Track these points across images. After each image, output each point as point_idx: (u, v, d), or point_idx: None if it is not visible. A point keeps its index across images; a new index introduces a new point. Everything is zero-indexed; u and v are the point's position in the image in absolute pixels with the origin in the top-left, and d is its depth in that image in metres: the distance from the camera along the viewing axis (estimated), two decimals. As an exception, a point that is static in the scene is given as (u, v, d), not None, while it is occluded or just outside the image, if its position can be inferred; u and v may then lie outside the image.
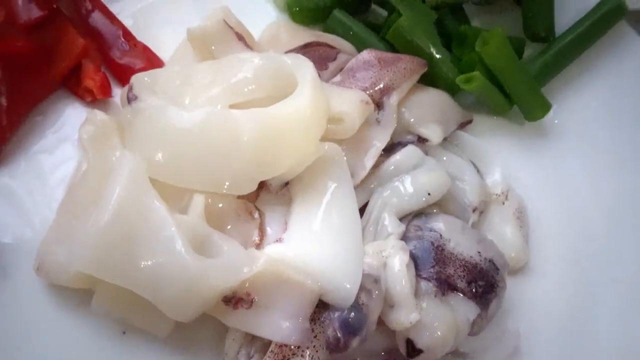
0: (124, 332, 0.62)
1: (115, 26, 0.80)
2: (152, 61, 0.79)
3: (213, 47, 0.74)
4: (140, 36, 0.82)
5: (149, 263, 0.54)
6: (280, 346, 0.54)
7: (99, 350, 0.61)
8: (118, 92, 0.77)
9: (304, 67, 0.64)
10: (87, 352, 0.61)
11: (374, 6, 0.91)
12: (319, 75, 0.67)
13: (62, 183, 0.70)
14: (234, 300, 0.55)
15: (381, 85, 0.72)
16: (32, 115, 0.74)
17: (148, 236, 0.55)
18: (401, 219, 0.66)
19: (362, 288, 0.57)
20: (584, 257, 0.71)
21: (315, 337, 0.55)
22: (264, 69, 0.66)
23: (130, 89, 0.66)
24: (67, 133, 0.74)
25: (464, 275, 0.61)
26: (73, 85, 0.76)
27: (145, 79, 0.67)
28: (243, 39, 0.77)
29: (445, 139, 0.75)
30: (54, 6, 0.75)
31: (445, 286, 0.60)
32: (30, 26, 0.73)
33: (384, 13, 0.89)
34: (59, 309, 0.63)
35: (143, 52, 0.80)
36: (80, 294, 0.62)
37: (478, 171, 0.74)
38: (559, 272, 0.71)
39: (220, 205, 0.63)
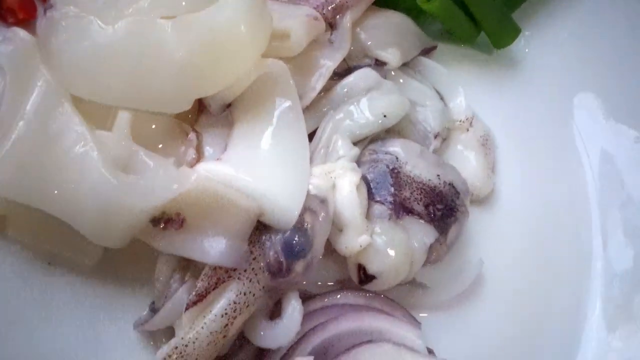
0: (49, 263, 0.55)
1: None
2: (87, -17, 0.72)
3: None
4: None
5: (65, 182, 0.48)
6: (215, 268, 0.49)
7: (22, 283, 0.55)
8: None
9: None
10: (8, 286, 0.55)
11: None
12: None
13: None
14: (163, 221, 0.50)
15: (334, 4, 0.66)
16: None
17: (63, 153, 0.49)
18: (356, 144, 0.61)
19: (306, 209, 0.51)
20: (546, 186, 0.67)
21: (254, 259, 0.50)
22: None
23: (48, -1, 0.59)
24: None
25: (421, 198, 0.56)
26: (-4, 8, 0.69)
27: (69, -10, 0.60)
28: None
29: (406, 65, 0.70)
30: None
31: (401, 209, 0.55)
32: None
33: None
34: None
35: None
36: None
37: (441, 98, 0.69)
38: (522, 201, 0.67)
39: (153, 126, 0.57)
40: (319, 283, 0.57)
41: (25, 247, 0.55)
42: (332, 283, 0.57)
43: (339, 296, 0.54)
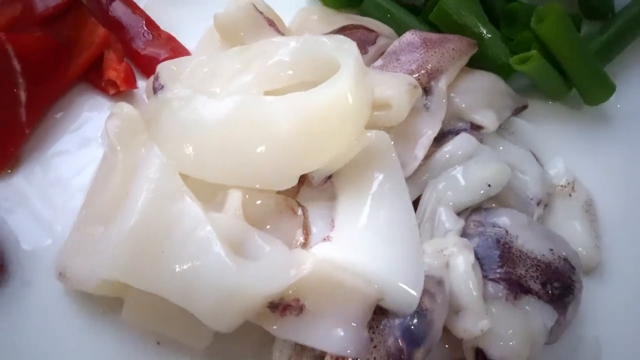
0: (158, 343, 0.55)
1: (137, 15, 0.75)
2: (178, 50, 0.74)
3: (242, 34, 0.69)
4: (163, 25, 0.77)
5: (184, 267, 0.48)
6: (337, 358, 0.47)
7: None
8: (142, 86, 0.72)
9: (346, 48, 0.57)
10: (116, 362, 0.55)
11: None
12: (360, 59, 0.61)
13: (84, 184, 0.65)
14: (281, 306, 0.49)
15: (428, 69, 0.66)
16: (52, 112, 0.69)
17: (181, 238, 0.49)
18: (458, 214, 0.60)
19: (424, 291, 0.50)
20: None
21: (374, 347, 0.48)
22: (302, 52, 0.60)
23: (157, 78, 0.60)
24: (88, 130, 0.69)
25: (537, 276, 0.54)
26: (95, 78, 0.70)
27: (172, 67, 0.62)
28: (274, 24, 0.72)
29: (499, 126, 0.68)
30: (75, -4, 0.70)
31: (517, 288, 0.53)
32: (48, 17, 0.68)
33: (421, -4, 0.83)
34: (86, 318, 0.57)
35: (167, 41, 0.75)
36: (109, 302, 0.57)
37: (538, 161, 0.67)
38: (634, 272, 0.64)
39: (259, 202, 0.57)
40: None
41: (136, 326, 0.55)
42: (445, 364, 0.55)
43: (456, 380, 0.53)
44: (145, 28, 0.75)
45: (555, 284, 0.54)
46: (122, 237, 0.49)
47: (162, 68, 0.61)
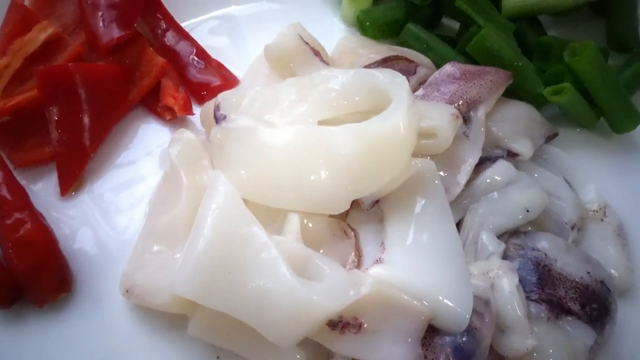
0: (218, 357, 0.59)
1: (190, 45, 0.80)
2: (228, 79, 0.79)
3: (291, 64, 0.74)
4: (212, 54, 0.81)
5: (253, 288, 0.52)
6: (394, 374, 0.51)
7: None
8: (196, 111, 0.76)
9: (398, 82, 0.62)
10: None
11: (444, 19, 0.89)
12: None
13: (142, 204, 0.69)
14: (341, 324, 0.53)
15: (467, 99, 0.70)
16: (111, 135, 0.74)
17: (249, 260, 0.53)
18: (498, 237, 0.63)
19: (473, 311, 0.53)
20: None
21: (428, 364, 0.52)
22: (355, 84, 0.64)
23: (218, 108, 0.65)
24: (146, 154, 0.73)
25: (577, 298, 0.57)
26: (151, 103, 0.75)
27: (232, 98, 0.66)
28: (319, 54, 0.76)
29: (534, 154, 0.72)
30: (134, 26, 0.74)
31: (558, 309, 0.57)
32: (111, 47, 0.72)
33: (455, 26, 0.88)
34: (150, 334, 0.61)
35: (218, 69, 0.79)
36: (171, 318, 0.60)
37: (571, 187, 0.71)
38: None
39: (311, 225, 0.61)
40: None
41: (200, 341, 0.59)
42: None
43: (501, 396, 0.56)
44: (196, 57, 0.79)
45: (594, 305, 0.57)
46: (196, 259, 0.53)
47: (223, 98, 0.65)
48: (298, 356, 0.56)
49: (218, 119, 0.63)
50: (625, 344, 0.62)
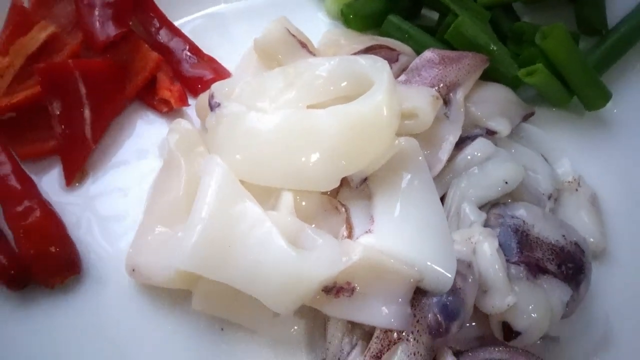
0: (222, 329, 0.63)
1: (182, 41, 0.84)
2: (219, 71, 0.83)
3: (279, 56, 0.78)
4: (204, 49, 0.85)
5: (250, 259, 0.56)
6: (385, 332, 0.55)
7: (198, 348, 0.63)
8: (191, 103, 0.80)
9: (379, 66, 0.66)
10: (187, 351, 0.63)
11: (423, 10, 0.94)
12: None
13: (144, 190, 0.73)
14: (335, 289, 0.57)
15: (447, 82, 0.74)
16: (111, 128, 0.77)
17: (246, 233, 0.57)
18: (480, 208, 0.68)
19: (457, 273, 0.58)
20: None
21: (417, 321, 0.56)
22: (340, 70, 0.68)
23: (212, 97, 0.69)
24: (144, 144, 0.77)
25: (553, 258, 0.62)
26: (148, 97, 0.79)
27: (225, 87, 0.70)
28: (306, 45, 0.80)
29: (511, 131, 0.77)
30: (129, 24, 0.78)
31: (536, 269, 0.61)
32: (108, 45, 0.76)
33: (434, 16, 0.92)
34: (156, 310, 0.65)
35: (209, 63, 0.83)
36: (175, 294, 0.64)
37: (546, 161, 0.76)
38: (636, 257, 0.72)
39: (304, 202, 0.65)
40: (462, 342, 0.62)
41: (203, 315, 0.63)
42: (475, 339, 0.62)
43: (485, 353, 0.60)
44: (189, 52, 0.83)
45: (569, 265, 0.62)
46: (196, 235, 0.57)
47: (216, 88, 0.69)
48: (296, 326, 0.60)
49: (212, 106, 0.67)
50: (599, 302, 0.67)
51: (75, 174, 0.72)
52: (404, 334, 0.55)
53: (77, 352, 0.63)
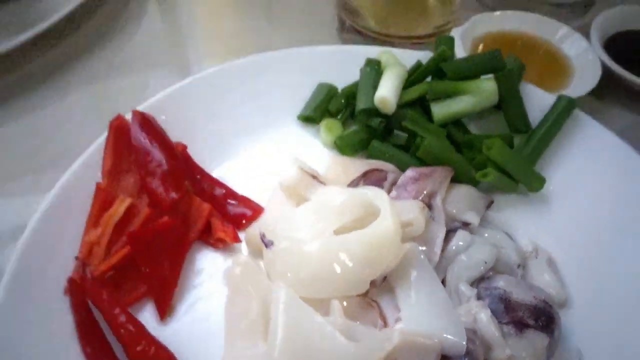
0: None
1: (221, 188, 1.08)
2: (255, 208, 1.07)
3: (300, 191, 1.03)
4: (238, 190, 1.10)
5: (322, 355, 0.78)
6: (425, 393, 0.77)
7: None
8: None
9: (381, 196, 0.92)
10: None
11: (395, 131, 1.22)
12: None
13: (218, 314, 0.94)
14: (385, 367, 0.79)
15: (427, 192, 1.01)
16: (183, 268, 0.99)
17: (315, 337, 0.79)
18: (471, 284, 0.92)
19: (467, 339, 0.81)
20: (607, 283, 0.97)
21: (447, 381, 0.79)
22: (352, 201, 0.94)
23: (263, 236, 0.93)
24: (209, 274, 0.99)
25: (530, 315, 0.86)
26: (206, 237, 1.02)
27: (270, 227, 0.94)
28: (316, 177, 1.06)
29: (480, 220, 1.03)
30: (185, 185, 1.02)
31: (521, 325, 0.85)
32: (173, 205, 1.00)
33: (404, 135, 1.20)
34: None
35: (245, 202, 1.08)
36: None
37: (510, 238, 1.02)
38: (590, 301, 0.97)
39: (345, 304, 0.88)
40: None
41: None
42: (487, 385, 0.85)
43: (497, 393, 0.83)
44: (228, 196, 1.08)
45: (542, 318, 0.86)
46: (278, 344, 0.78)
47: (265, 229, 0.93)
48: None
49: (267, 244, 0.91)
50: (570, 340, 0.91)
51: (166, 311, 0.93)
52: (439, 392, 0.78)
53: None
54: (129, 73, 1.44)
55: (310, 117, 1.22)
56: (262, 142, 1.20)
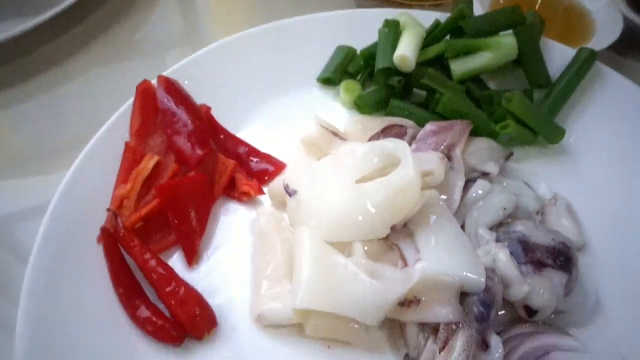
0: (329, 347, 0.87)
1: (245, 147, 1.12)
2: (277, 164, 1.10)
3: (321, 147, 1.06)
4: (262, 148, 1.13)
5: (346, 291, 0.81)
6: (447, 325, 0.80)
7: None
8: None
9: (402, 147, 0.94)
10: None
11: (415, 90, 1.24)
12: (403, 147, 0.98)
13: (245, 259, 0.98)
14: (407, 303, 0.82)
15: (447, 145, 1.03)
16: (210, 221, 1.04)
17: (338, 275, 0.83)
18: (490, 230, 0.94)
19: (487, 277, 0.83)
20: (618, 231, 0.99)
21: (466, 314, 0.81)
22: (373, 153, 0.96)
23: (287, 187, 0.96)
24: (235, 227, 1.03)
25: (549, 256, 0.87)
26: (231, 192, 1.06)
27: (293, 178, 0.97)
28: (337, 134, 1.09)
29: (500, 171, 1.04)
30: (210, 144, 1.06)
31: (539, 266, 0.87)
32: (199, 162, 1.03)
33: (422, 93, 1.22)
34: (276, 342, 0.88)
35: (268, 159, 1.11)
36: (290, 330, 0.88)
37: (529, 187, 1.03)
38: (608, 245, 0.98)
39: (367, 248, 0.91)
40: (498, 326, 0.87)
41: (313, 339, 0.87)
42: (506, 323, 0.87)
43: (517, 329, 0.85)
44: (252, 154, 1.11)
45: (561, 258, 0.87)
46: (304, 282, 0.82)
47: (289, 180, 0.96)
48: (381, 334, 0.85)
49: (290, 194, 0.95)
50: (588, 281, 0.92)
51: (193, 258, 0.97)
52: (460, 324, 0.80)
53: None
54: (147, 53, 1.48)
55: (330, 79, 1.24)
56: (283, 105, 1.23)
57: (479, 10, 1.31)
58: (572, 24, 1.34)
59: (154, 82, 1.15)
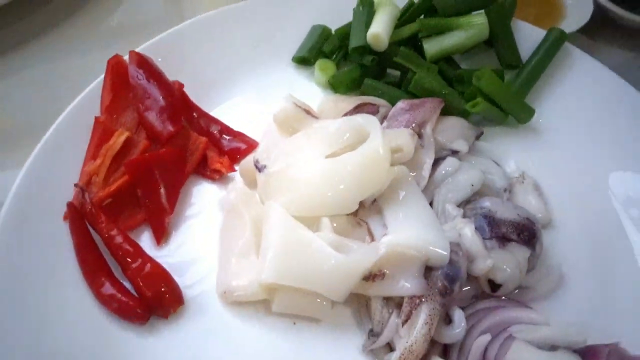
0: (294, 323, 0.87)
1: (217, 125, 1.11)
2: (250, 142, 1.10)
3: (294, 124, 1.06)
4: (233, 126, 1.13)
5: (312, 265, 0.82)
6: (411, 298, 0.81)
7: (277, 339, 0.87)
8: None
9: (372, 121, 0.95)
10: (271, 342, 0.87)
11: (388, 70, 1.24)
12: (374, 125, 0.98)
13: (213, 238, 0.98)
14: (371, 277, 0.83)
15: (417, 122, 1.03)
16: (179, 197, 1.03)
17: (305, 250, 0.83)
18: (457, 206, 0.95)
19: (451, 251, 0.84)
20: (583, 208, 1.01)
21: (430, 288, 0.82)
22: (343, 127, 0.96)
23: (257, 162, 0.96)
24: (205, 204, 1.03)
25: (513, 230, 0.89)
26: (202, 170, 1.05)
27: (264, 154, 0.97)
28: (310, 112, 1.09)
29: (469, 149, 1.05)
30: (182, 119, 1.05)
31: (503, 240, 0.88)
32: (169, 138, 1.03)
33: (396, 73, 1.22)
34: (242, 318, 0.89)
35: (240, 137, 1.11)
36: (255, 306, 0.89)
37: (498, 165, 1.04)
38: (571, 223, 1.00)
39: (335, 224, 0.91)
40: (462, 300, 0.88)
41: (279, 315, 0.87)
42: (471, 298, 0.88)
43: (481, 304, 0.86)
44: (224, 132, 1.11)
45: (525, 233, 0.89)
46: (271, 256, 0.83)
47: (259, 156, 0.96)
48: (347, 309, 0.86)
49: (260, 169, 0.94)
50: (552, 257, 0.94)
51: (162, 236, 0.97)
52: (423, 298, 0.81)
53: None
54: (123, 34, 1.45)
55: (305, 58, 1.24)
56: (257, 83, 1.22)
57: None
58: (544, 7, 1.35)
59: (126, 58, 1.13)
